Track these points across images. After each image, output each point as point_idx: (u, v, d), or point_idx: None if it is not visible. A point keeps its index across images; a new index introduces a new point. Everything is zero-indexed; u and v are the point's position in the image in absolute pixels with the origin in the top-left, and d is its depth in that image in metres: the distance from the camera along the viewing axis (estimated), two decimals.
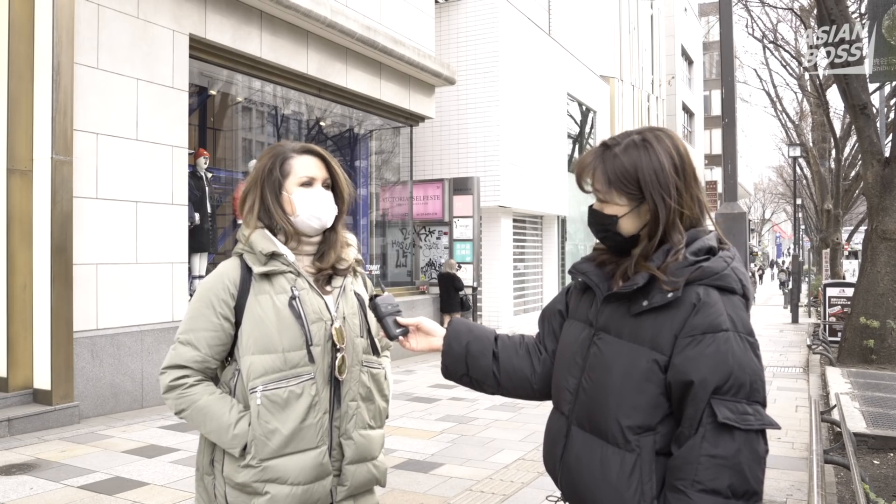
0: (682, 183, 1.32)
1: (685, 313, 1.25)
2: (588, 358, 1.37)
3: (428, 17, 11.50)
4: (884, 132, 12.02)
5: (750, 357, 1.23)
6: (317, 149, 1.77)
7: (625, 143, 1.34)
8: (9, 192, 5.77)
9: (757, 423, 1.20)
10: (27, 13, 5.81)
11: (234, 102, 9.94)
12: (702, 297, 1.25)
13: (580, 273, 1.45)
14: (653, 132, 1.35)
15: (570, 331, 1.46)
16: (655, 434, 1.27)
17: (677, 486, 1.22)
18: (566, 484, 1.39)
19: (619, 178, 1.32)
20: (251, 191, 1.73)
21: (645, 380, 1.27)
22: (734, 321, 1.24)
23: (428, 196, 12.46)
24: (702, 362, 1.21)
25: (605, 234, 1.38)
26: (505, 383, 1.55)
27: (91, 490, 4.16)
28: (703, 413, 1.20)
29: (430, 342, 1.61)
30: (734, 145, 5.13)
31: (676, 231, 1.30)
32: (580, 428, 1.37)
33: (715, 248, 1.32)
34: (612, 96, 21.09)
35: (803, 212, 28.91)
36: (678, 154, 1.33)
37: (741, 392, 1.20)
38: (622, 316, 1.33)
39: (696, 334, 1.23)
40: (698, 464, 1.19)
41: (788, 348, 12.09)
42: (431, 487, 4.31)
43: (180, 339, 1.66)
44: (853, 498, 3.83)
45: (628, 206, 1.33)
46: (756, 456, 1.20)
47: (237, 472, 1.60)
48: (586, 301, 1.44)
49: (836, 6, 8.64)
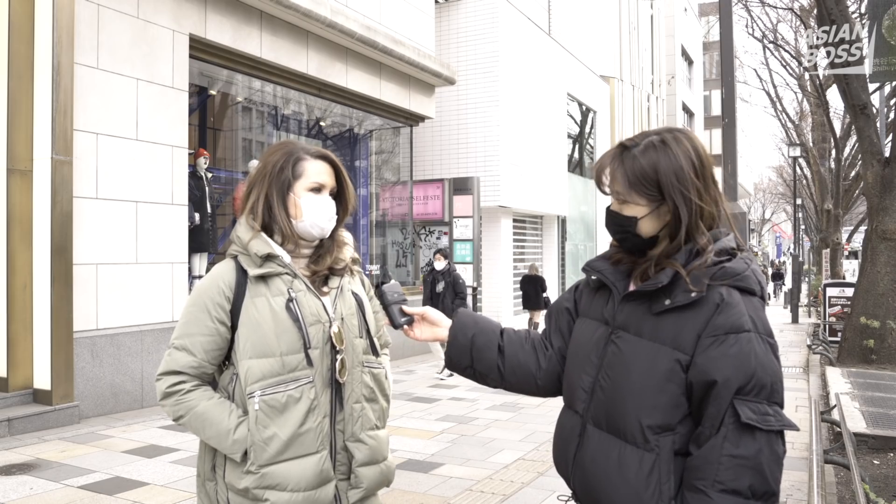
0: (702, 183, 1.32)
1: (708, 313, 1.25)
2: (605, 356, 1.36)
3: (428, 17, 11.50)
4: (884, 132, 12.02)
5: (771, 358, 1.24)
6: (331, 156, 1.73)
7: (644, 144, 1.34)
8: (9, 192, 5.77)
9: (777, 424, 1.20)
10: (27, 13, 5.81)
11: (234, 102, 9.94)
12: (725, 297, 1.25)
13: (595, 271, 1.44)
14: (671, 133, 1.35)
15: (584, 329, 1.45)
16: (675, 434, 1.27)
17: (697, 486, 1.21)
18: (580, 483, 1.38)
19: (639, 180, 1.31)
20: (256, 185, 1.68)
21: (666, 379, 1.26)
22: (755, 322, 1.25)
23: (428, 196, 12.46)
24: (725, 362, 1.21)
25: (623, 235, 1.37)
26: (509, 377, 1.54)
27: (91, 490, 4.16)
28: (726, 413, 1.20)
29: (435, 332, 1.61)
30: (734, 145, 5.13)
31: (700, 232, 1.30)
32: (596, 427, 1.36)
33: (735, 248, 1.32)
34: (612, 96, 21.09)
35: (803, 212, 28.90)
36: (697, 155, 1.33)
37: (763, 393, 1.21)
38: (642, 314, 1.32)
39: (719, 334, 1.23)
40: (719, 464, 1.19)
41: (788, 348, 12.10)
42: (431, 487, 4.31)
43: (175, 345, 1.62)
44: (853, 498, 3.83)
45: (648, 208, 1.32)
46: (776, 457, 1.20)
47: (240, 478, 1.57)
48: (600, 299, 1.44)
49: (836, 6, 8.64)
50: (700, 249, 1.29)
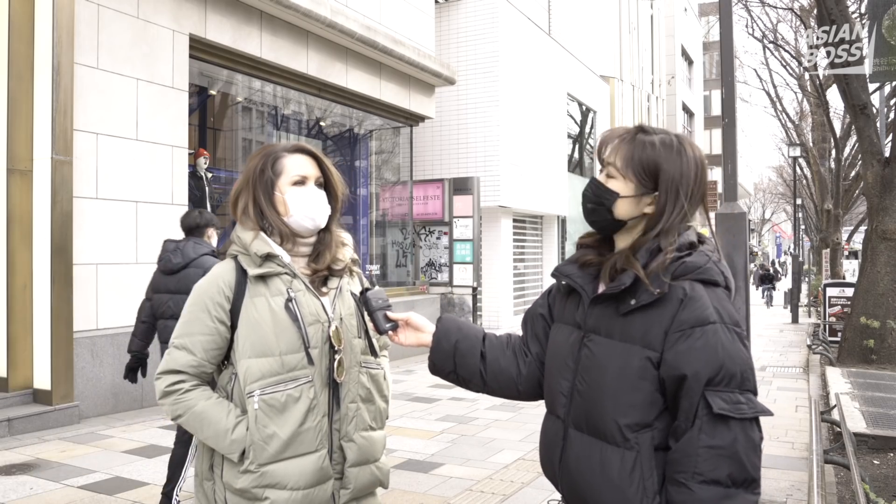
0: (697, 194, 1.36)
1: (673, 309, 1.27)
2: (580, 360, 1.39)
3: (428, 17, 11.50)
4: (884, 132, 12.01)
5: (738, 347, 1.25)
6: (308, 147, 1.75)
7: (661, 138, 1.37)
8: (9, 192, 5.77)
9: (750, 412, 1.22)
10: (27, 13, 5.81)
11: (234, 102, 9.94)
12: (688, 291, 1.27)
13: (564, 276, 1.47)
14: (686, 140, 1.40)
15: (559, 334, 1.48)
16: (653, 430, 1.29)
17: (678, 479, 1.23)
18: (567, 486, 1.40)
19: (642, 165, 1.34)
20: (243, 192, 1.70)
21: (639, 378, 1.29)
22: (720, 313, 1.26)
23: (428, 196, 12.46)
24: (693, 356, 1.23)
25: (596, 206, 1.40)
26: (491, 383, 1.57)
27: (91, 490, 4.16)
28: (699, 405, 1.22)
29: (419, 337, 1.62)
30: (734, 145, 5.12)
31: (673, 234, 1.33)
32: (577, 430, 1.38)
33: (695, 242, 1.35)
34: (612, 96, 21.09)
35: (803, 212, 28.89)
36: (700, 167, 1.37)
37: (733, 382, 1.23)
38: (611, 316, 1.35)
39: (685, 329, 1.25)
40: (697, 455, 1.21)
41: (788, 348, 12.09)
42: (431, 487, 4.31)
43: (175, 344, 1.63)
44: (853, 498, 3.83)
45: (634, 192, 1.35)
46: (752, 443, 1.22)
47: (237, 477, 1.58)
48: (572, 303, 1.46)
49: (836, 6, 8.64)
50: (660, 248, 1.32)
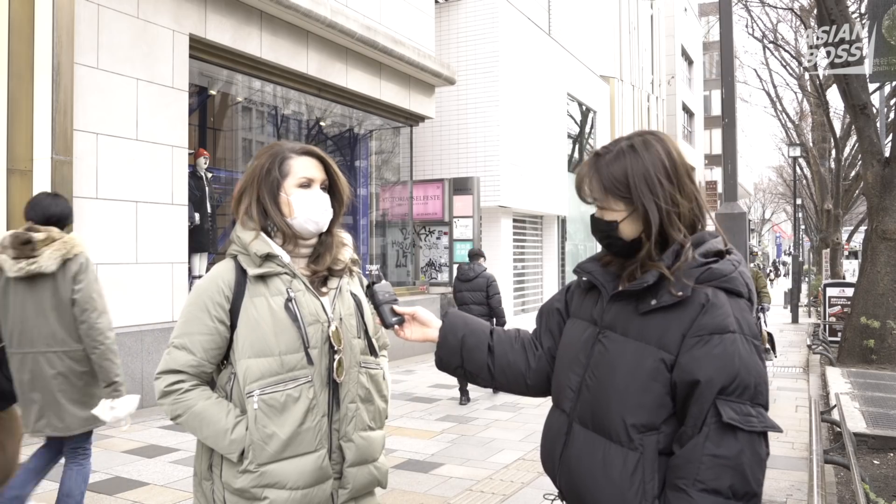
0: (675, 184, 1.33)
1: (693, 313, 1.26)
2: (592, 356, 1.38)
3: (428, 17, 11.50)
4: (884, 132, 12.02)
5: (755, 360, 1.24)
6: (316, 150, 1.74)
7: (615, 151, 1.37)
8: (9, 192, 5.77)
9: (760, 426, 1.20)
10: (27, 13, 5.81)
11: (234, 102, 9.94)
12: (710, 297, 1.26)
13: (585, 272, 1.46)
14: (641, 136, 1.38)
15: (573, 329, 1.47)
16: (659, 433, 1.28)
17: (678, 485, 1.22)
18: (565, 482, 1.39)
19: (613, 185, 1.34)
20: (247, 190, 1.69)
21: (651, 378, 1.27)
22: (741, 324, 1.25)
23: (428, 196, 12.46)
24: (708, 362, 1.22)
25: (608, 240, 1.39)
26: (499, 377, 1.56)
27: (91, 490, 4.15)
28: (708, 413, 1.21)
29: (426, 332, 1.62)
30: (734, 145, 5.13)
31: (675, 230, 1.32)
32: (582, 426, 1.37)
33: (723, 251, 1.33)
34: (612, 96, 21.08)
35: (803, 212, 28.90)
36: (668, 156, 1.35)
37: (745, 394, 1.21)
38: (629, 314, 1.34)
39: (703, 334, 1.24)
40: (700, 463, 1.20)
41: (788, 348, 12.09)
42: (431, 487, 4.31)
43: (174, 344, 1.63)
44: (853, 498, 3.83)
45: (626, 211, 1.35)
46: (758, 458, 1.20)
47: (236, 477, 1.58)
48: (590, 300, 1.46)
49: (836, 6, 8.64)
50: (680, 246, 1.30)
